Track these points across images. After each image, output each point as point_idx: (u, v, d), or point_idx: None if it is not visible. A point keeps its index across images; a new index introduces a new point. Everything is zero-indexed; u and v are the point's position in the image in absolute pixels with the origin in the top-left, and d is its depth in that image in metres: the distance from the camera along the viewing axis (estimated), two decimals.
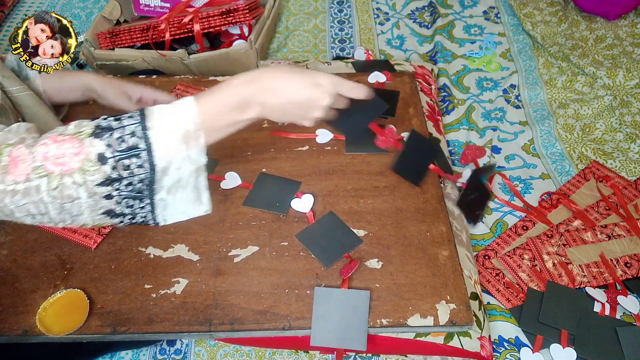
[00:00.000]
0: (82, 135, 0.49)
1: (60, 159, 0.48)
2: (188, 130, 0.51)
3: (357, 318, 0.65)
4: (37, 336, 0.63)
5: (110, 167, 0.49)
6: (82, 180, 0.48)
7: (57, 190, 0.48)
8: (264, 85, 0.54)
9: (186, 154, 0.52)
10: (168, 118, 0.51)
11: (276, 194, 0.77)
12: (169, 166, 0.51)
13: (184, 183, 0.54)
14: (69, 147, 0.48)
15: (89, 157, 0.48)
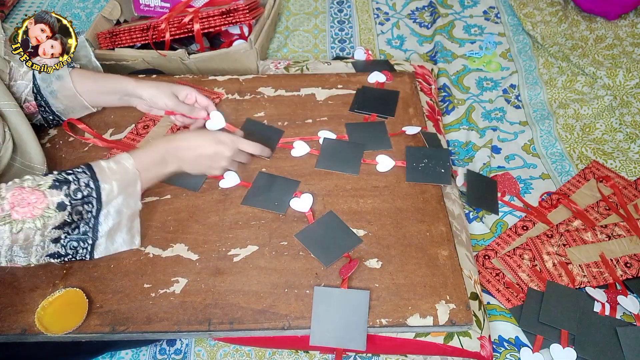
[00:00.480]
0: (42, 187, 0.58)
1: (25, 208, 0.56)
2: (128, 181, 0.64)
3: (356, 318, 0.64)
4: (36, 335, 0.63)
5: (67, 214, 0.59)
6: (41, 224, 0.57)
7: (19, 234, 0.56)
8: (178, 144, 0.70)
9: (124, 201, 0.64)
10: (113, 173, 0.63)
11: (275, 194, 0.77)
12: (110, 211, 0.63)
13: (122, 226, 0.66)
14: (33, 197, 0.57)
15: (50, 205, 0.57)
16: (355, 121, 0.89)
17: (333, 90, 0.95)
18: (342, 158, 0.82)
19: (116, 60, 1.08)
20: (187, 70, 1.10)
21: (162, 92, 0.82)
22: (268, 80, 0.97)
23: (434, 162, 0.80)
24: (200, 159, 0.71)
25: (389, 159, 0.81)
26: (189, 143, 0.70)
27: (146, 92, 0.82)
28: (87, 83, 0.80)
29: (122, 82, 0.81)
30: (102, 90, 0.82)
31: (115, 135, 0.86)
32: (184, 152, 0.70)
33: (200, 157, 0.71)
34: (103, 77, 0.82)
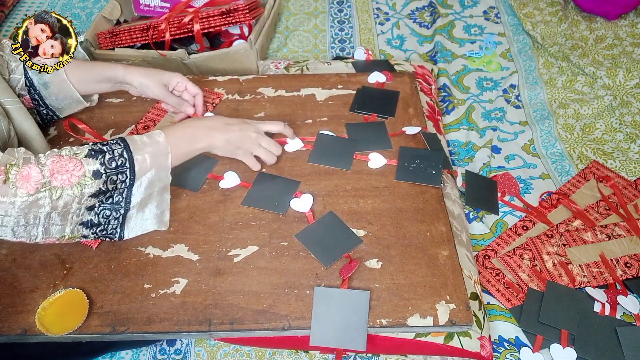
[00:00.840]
0: (79, 155, 0.61)
1: (63, 175, 0.59)
2: (160, 155, 0.66)
3: (356, 318, 0.64)
4: (37, 336, 0.63)
5: (103, 182, 0.61)
6: (79, 191, 0.60)
7: (58, 201, 0.59)
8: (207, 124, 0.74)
9: (157, 174, 0.66)
10: (146, 145, 0.65)
11: (275, 194, 0.77)
12: (143, 182, 0.65)
13: (152, 199, 0.68)
14: (70, 165, 0.59)
15: (87, 173, 0.60)
16: (355, 121, 0.89)
17: (333, 90, 0.95)
18: (335, 153, 0.83)
19: (116, 60, 1.08)
20: (187, 70, 1.10)
21: (152, 80, 0.82)
22: (268, 80, 0.97)
23: (425, 163, 0.81)
24: (229, 137, 0.74)
25: (381, 156, 0.82)
26: (218, 123, 0.74)
27: (136, 80, 0.82)
28: (77, 73, 0.80)
29: (112, 70, 0.81)
30: (93, 79, 0.82)
31: (115, 135, 0.86)
32: (215, 131, 0.73)
33: (229, 136, 0.74)
34: (92, 66, 0.82)
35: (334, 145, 0.84)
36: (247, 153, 0.77)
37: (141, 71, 0.82)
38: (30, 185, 0.57)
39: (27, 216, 0.58)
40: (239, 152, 0.77)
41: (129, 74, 0.81)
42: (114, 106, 0.91)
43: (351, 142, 0.84)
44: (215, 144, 0.74)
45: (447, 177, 0.88)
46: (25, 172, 0.57)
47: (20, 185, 0.56)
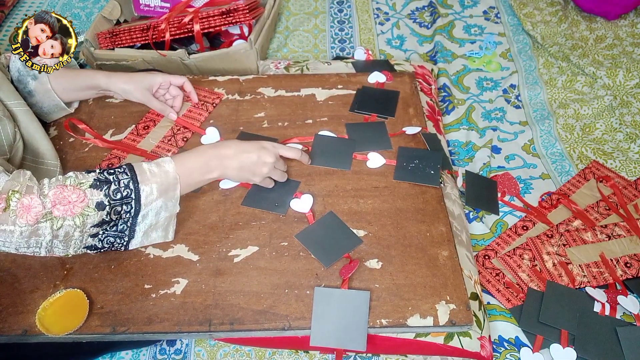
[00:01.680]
0: (83, 186, 0.59)
1: (65, 206, 0.58)
2: (168, 185, 0.64)
3: (356, 318, 0.64)
4: (37, 336, 0.63)
5: (106, 213, 0.60)
6: (81, 222, 0.59)
7: (59, 230, 0.58)
8: (222, 152, 0.69)
9: (164, 204, 0.65)
10: (154, 175, 0.63)
11: (275, 195, 0.77)
12: (149, 213, 0.64)
13: (158, 226, 0.67)
14: (73, 196, 0.58)
15: (90, 205, 0.59)
16: (355, 121, 0.89)
17: (333, 90, 0.95)
18: (334, 154, 0.83)
19: (116, 60, 1.08)
20: (187, 71, 1.10)
21: (134, 87, 0.82)
22: (268, 80, 0.97)
23: (424, 163, 0.81)
24: (243, 165, 0.70)
25: (380, 156, 0.82)
26: (233, 151, 0.70)
27: (118, 87, 0.82)
28: (61, 82, 0.80)
29: (95, 79, 0.82)
30: (76, 87, 0.82)
31: (115, 135, 0.86)
32: (228, 160, 0.69)
33: (244, 164, 0.70)
34: (76, 74, 0.82)
35: (333, 146, 0.84)
36: (262, 179, 0.74)
37: (122, 78, 0.82)
38: (30, 216, 0.56)
39: (29, 242, 0.58)
40: (255, 178, 0.73)
41: (111, 83, 0.82)
42: (114, 106, 0.91)
43: (350, 142, 0.84)
44: (228, 174, 0.71)
45: (447, 178, 0.88)
46: (26, 202, 0.56)
47: (20, 215, 0.56)
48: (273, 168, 0.74)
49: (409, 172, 0.80)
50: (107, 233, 0.64)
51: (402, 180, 0.79)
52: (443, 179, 0.86)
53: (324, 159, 0.82)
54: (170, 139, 0.85)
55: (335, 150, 0.83)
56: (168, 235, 0.70)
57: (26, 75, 0.78)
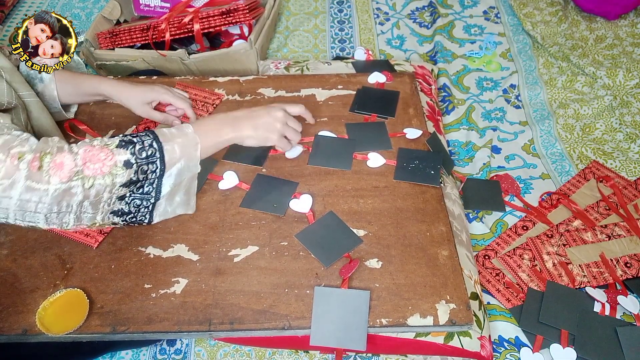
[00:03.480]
0: (110, 146, 0.61)
1: (96, 164, 0.59)
2: (189, 145, 0.66)
3: (356, 318, 0.64)
4: (37, 335, 0.63)
5: (134, 172, 0.62)
6: (110, 181, 0.60)
7: (90, 190, 0.59)
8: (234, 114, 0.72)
9: (186, 164, 0.67)
10: (174, 136, 0.66)
11: (274, 196, 0.77)
12: (173, 173, 0.66)
13: (181, 187, 0.69)
14: (102, 154, 0.60)
15: (118, 163, 0.61)
16: (355, 121, 0.89)
17: (333, 90, 0.95)
18: (334, 154, 0.83)
19: (116, 60, 1.08)
20: (187, 71, 1.10)
21: (135, 101, 0.82)
22: (268, 81, 0.97)
23: (424, 163, 0.81)
24: (256, 123, 0.72)
25: (380, 156, 0.82)
26: (243, 112, 0.73)
27: (122, 99, 0.83)
28: (66, 87, 0.81)
29: (100, 87, 0.82)
30: (81, 93, 0.83)
31: (115, 135, 0.86)
32: (240, 120, 0.72)
33: (256, 122, 0.72)
34: (81, 81, 0.82)
35: (333, 146, 0.84)
36: (279, 136, 0.74)
37: (127, 90, 0.82)
38: (64, 173, 0.57)
39: (60, 204, 0.58)
40: (272, 136, 0.74)
41: (115, 95, 0.82)
42: (114, 107, 0.91)
43: (350, 142, 0.84)
44: (244, 134, 0.72)
45: (447, 178, 0.88)
46: (58, 160, 0.57)
47: (54, 173, 0.57)
48: (286, 125, 0.75)
49: (409, 172, 0.80)
50: (134, 195, 0.65)
51: (403, 180, 0.79)
52: (443, 179, 0.86)
53: (324, 159, 0.82)
54: None
55: (336, 150, 0.83)
56: (190, 203, 0.72)
57: (34, 78, 0.78)
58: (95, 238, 0.71)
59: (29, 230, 0.73)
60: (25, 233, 0.73)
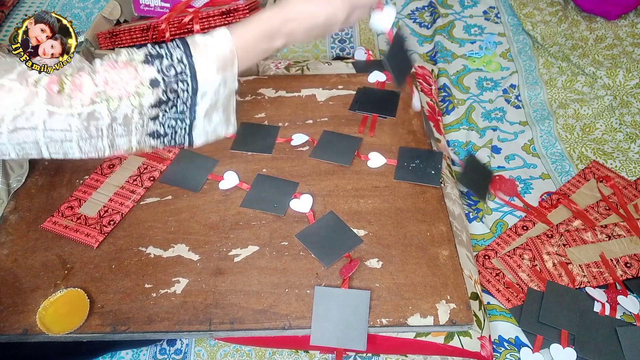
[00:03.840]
0: (135, 61, 0.55)
1: (118, 84, 0.54)
2: (225, 59, 0.58)
3: (357, 318, 0.65)
4: (37, 335, 0.63)
5: (161, 91, 0.56)
6: (138, 102, 0.55)
7: (117, 112, 0.54)
8: (289, 16, 0.61)
9: (222, 80, 0.59)
10: (208, 48, 0.57)
11: (274, 195, 0.77)
12: (208, 90, 0.58)
13: (218, 105, 0.61)
14: (125, 73, 0.54)
15: (144, 82, 0.55)
16: (355, 121, 0.89)
17: (333, 90, 0.95)
18: (336, 149, 0.83)
19: None
20: None
21: None
22: (268, 81, 0.97)
23: (425, 163, 0.81)
24: (312, 30, 0.64)
25: (381, 156, 0.82)
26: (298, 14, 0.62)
27: None
28: None
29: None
30: None
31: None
32: (296, 25, 0.62)
33: (313, 28, 0.63)
34: None
35: (338, 142, 0.85)
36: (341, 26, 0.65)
37: None
38: (84, 95, 0.53)
39: (89, 129, 0.54)
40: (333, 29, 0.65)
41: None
42: None
43: (355, 140, 0.84)
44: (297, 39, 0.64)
45: (448, 178, 0.88)
46: (77, 81, 0.53)
47: (74, 95, 0.52)
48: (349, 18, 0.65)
49: (409, 172, 0.80)
50: (167, 115, 0.58)
51: (403, 180, 0.79)
52: (443, 179, 0.86)
53: (326, 153, 0.83)
54: None
55: (339, 146, 0.84)
56: (230, 120, 0.64)
57: None
58: (96, 238, 0.72)
59: (30, 230, 0.73)
60: (25, 233, 0.73)
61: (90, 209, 0.75)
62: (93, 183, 0.78)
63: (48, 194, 0.77)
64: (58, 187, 0.78)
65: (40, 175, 0.80)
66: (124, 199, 0.76)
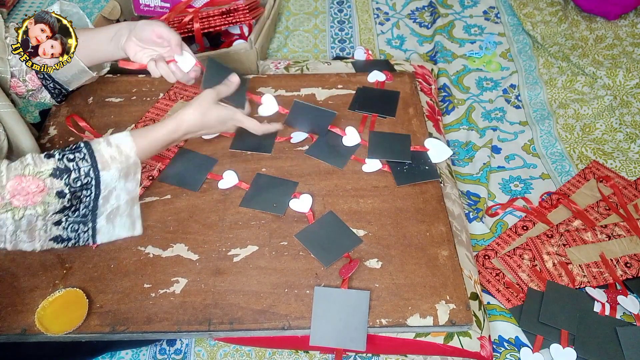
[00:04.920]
0: (43, 175, 0.59)
1: (25, 196, 0.58)
2: (128, 169, 0.65)
3: (356, 318, 0.64)
4: (36, 335, 0.63)
5: (67, 200, 0.61)
6: (42, 209, 0.59)
7: (21, 220, 0.58)
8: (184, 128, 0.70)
9: (124, 186, 0.65)
10: (114, 161, 0.63)
11: (273, 195, 0.77)
12: (110, 195, 0.64)
13: (122, 211, 0.67)
14: (32, 186, 0.58)
15: (50, 194, 0.59)
16: (354, 121, 0.89)
17: (333, 90, 0.95)
18: (334, 151, 0.83)
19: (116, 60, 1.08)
20: None
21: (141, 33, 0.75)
22: (268, 80, 0.97)
23: (415, 162, 0.81)
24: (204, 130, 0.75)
25: (377, 161, 0.82)
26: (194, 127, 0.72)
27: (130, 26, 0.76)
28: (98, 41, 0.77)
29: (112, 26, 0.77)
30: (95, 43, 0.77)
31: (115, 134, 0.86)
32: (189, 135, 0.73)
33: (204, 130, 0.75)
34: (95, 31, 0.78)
35: (335, 143, 0.84)
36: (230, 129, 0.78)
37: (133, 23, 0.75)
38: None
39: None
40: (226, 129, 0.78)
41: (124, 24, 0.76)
42: (113, 105, 0.91)
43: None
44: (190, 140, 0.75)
45: (447, 178, 0.88)
46: None
47: None
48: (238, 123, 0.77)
49: (406, 175, 0.79)
50: (70, 219, 0.63)
51: (406, 183, 0.79)
52: (443, 179, 0.86)
53: (322, 153, 0.83)
54: None
55: (337, 148, 0.83)
56: (135, 226, 0.69)
57: None
58: None
59: None
60: None
61: None
62: None
63: None
64: None
65: None
66: None
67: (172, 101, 0.91)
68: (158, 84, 0.95)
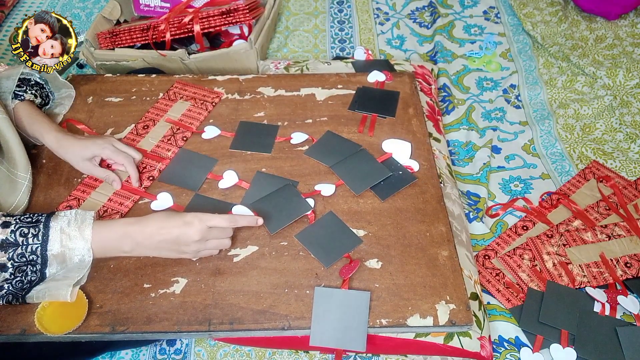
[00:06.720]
0: None
1: None
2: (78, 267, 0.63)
3: (356, 319, 0.64)
4: (36, 335, 0.63)
5: (9, 274, 0.60)
6: None
7: None
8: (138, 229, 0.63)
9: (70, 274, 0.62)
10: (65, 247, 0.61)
11: None
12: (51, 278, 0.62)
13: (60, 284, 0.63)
14: None
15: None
16: (354, 120, 0.89)
17: (333, 90, 0.95)
18: (333, 150, 0.83)
19: (116, 60, 1.08)
20: (187, 70, 1.10)
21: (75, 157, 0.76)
22: (268, 80, 0.97)
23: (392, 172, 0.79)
24: (162, 244, 0.64)
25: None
26: (150, 229, 0.63)
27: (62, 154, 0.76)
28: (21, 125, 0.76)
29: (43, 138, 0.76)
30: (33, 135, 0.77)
31: (115, 135, 0.86)
32: (143, 238, 0.63)
33: (162, 242, 0.63)
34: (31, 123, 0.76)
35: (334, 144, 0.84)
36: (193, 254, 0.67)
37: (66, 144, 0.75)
38: None
39: None
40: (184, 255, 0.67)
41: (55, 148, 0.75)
42: (113, 105, 0.91)
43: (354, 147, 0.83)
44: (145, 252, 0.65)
45: (447, 178, 0.88)
46: None
47: None
48: (204, 242, 0.65)
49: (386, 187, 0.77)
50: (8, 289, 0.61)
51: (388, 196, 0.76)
52: (443, 179, 0.86)
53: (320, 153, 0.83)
54: (170, 139, 0.85)
55: (335, 148, 0.83)
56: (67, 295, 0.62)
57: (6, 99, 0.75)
58: None
59: None
60: None
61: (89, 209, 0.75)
62: (92, 182, 0.78)
63: (46, 192, 0.77)
64: (56, 186, 0.78)
65: (38, 174, 0.79)
66: (124, 198, 0.76)
67: (171, 101, 0.91)
68: (158, 83, 0.95)
